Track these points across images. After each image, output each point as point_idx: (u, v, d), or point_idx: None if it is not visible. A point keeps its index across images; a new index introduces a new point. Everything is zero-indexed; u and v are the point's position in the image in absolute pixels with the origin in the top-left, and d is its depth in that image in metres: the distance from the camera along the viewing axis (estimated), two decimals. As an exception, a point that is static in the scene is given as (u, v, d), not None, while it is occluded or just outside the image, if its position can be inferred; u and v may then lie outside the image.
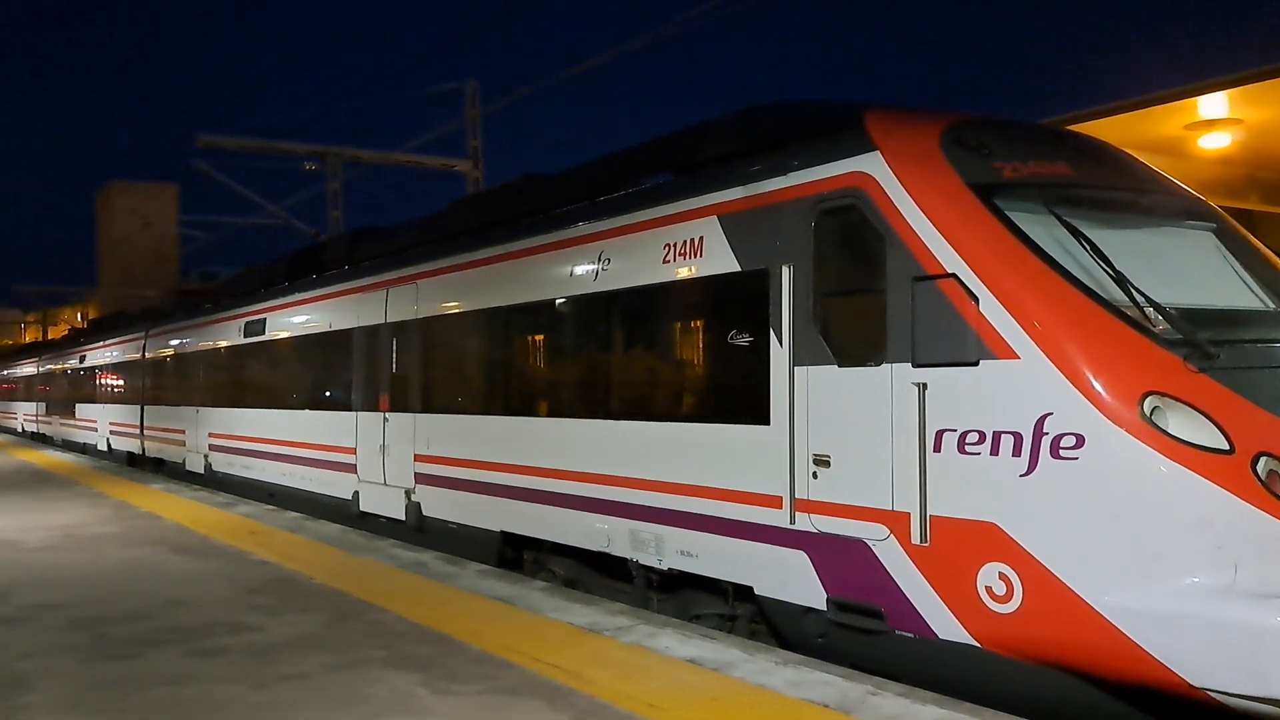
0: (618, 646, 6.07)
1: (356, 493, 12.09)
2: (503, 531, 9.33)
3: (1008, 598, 5.08)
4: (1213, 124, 17.70)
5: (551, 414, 8.84)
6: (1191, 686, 4.47)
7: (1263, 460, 4.59)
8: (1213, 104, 16.94)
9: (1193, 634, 4.44)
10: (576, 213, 8.73)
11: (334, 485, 12.65)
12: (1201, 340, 4.93)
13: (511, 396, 9.55)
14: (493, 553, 9.44)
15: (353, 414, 12.28)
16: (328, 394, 13.38)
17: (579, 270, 8.42)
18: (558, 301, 8.71)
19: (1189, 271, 5.88)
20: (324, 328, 13.35)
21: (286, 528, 11.64)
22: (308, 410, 13.84)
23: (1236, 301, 5.78)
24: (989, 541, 5.15)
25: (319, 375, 13.69)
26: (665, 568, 7.33)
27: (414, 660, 5.90)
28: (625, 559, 7.71)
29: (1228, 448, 4.62)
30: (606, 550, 7.90)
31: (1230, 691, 4.38)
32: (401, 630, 6.63)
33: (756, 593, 6.59)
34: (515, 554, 9.35)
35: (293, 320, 14.58)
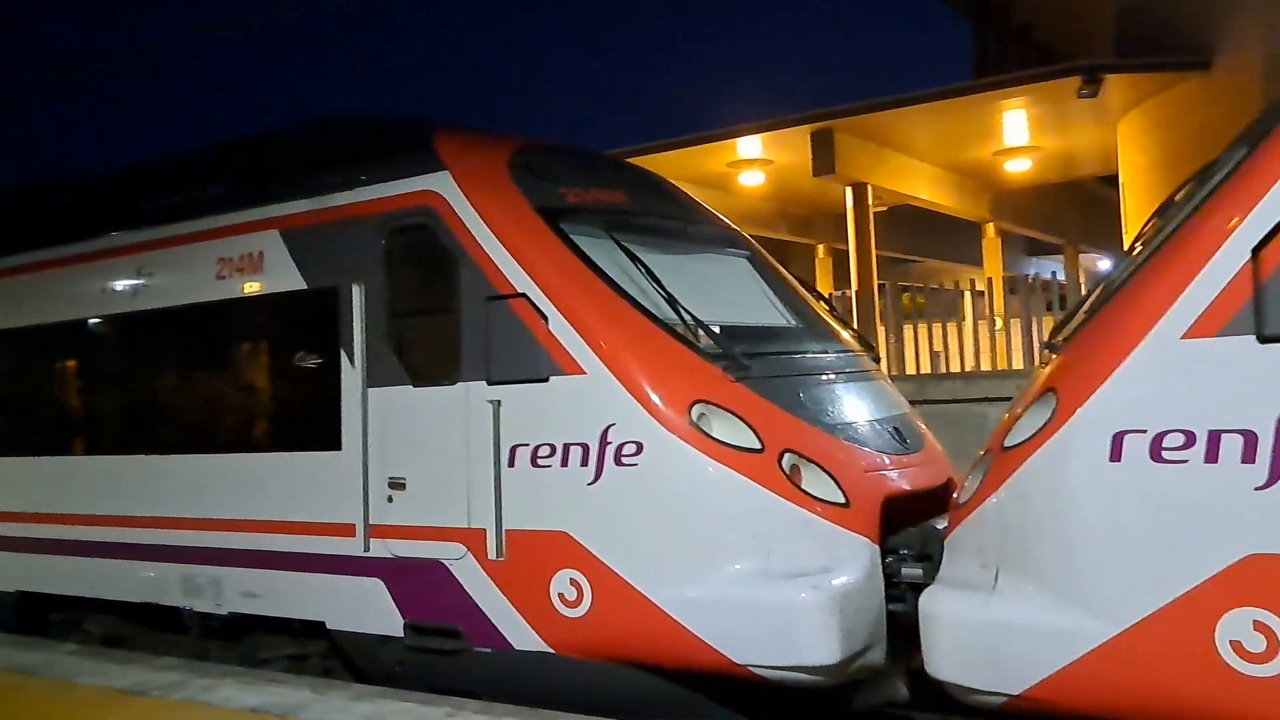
0: (168, 706, 5.55)
1: None
2: (20, 591, 8.09)
3: (578, 602, 5.43)
4: (750, 163, 20.48)
5: (86, 451, 7.86)
6: (735, 664, 5.09)
7: (787, 456, 5.36)
8: (749, 145, 19.62)
9: (735, 616, 5.07)
10: (112, 221, 7.88)
11: None
12: (738, 354, 5.65)
13: (34, 433, 8.33)
14: (9, 617, 8.15)
15: None
16: None
17: (116, 286, 7.61)
18: (90, 322, 7.80)
19: (727, 293, 6.72)
20: None
21: None
22: None
23: (766, 319, 6.71)
24: (560, 550, 5.47)
25: None
26: (225, 613, 6.84)
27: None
28: (178, 608, 7.07)
29: (759, 447, 5.34)
30: (156, 601, 7.18)
31: (768, 664, 5.05)
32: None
33: (329, 627, 6.39)
34: (42, 616, 8.16)
35: None
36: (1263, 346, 3.90)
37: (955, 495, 5.21)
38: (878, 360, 7.17)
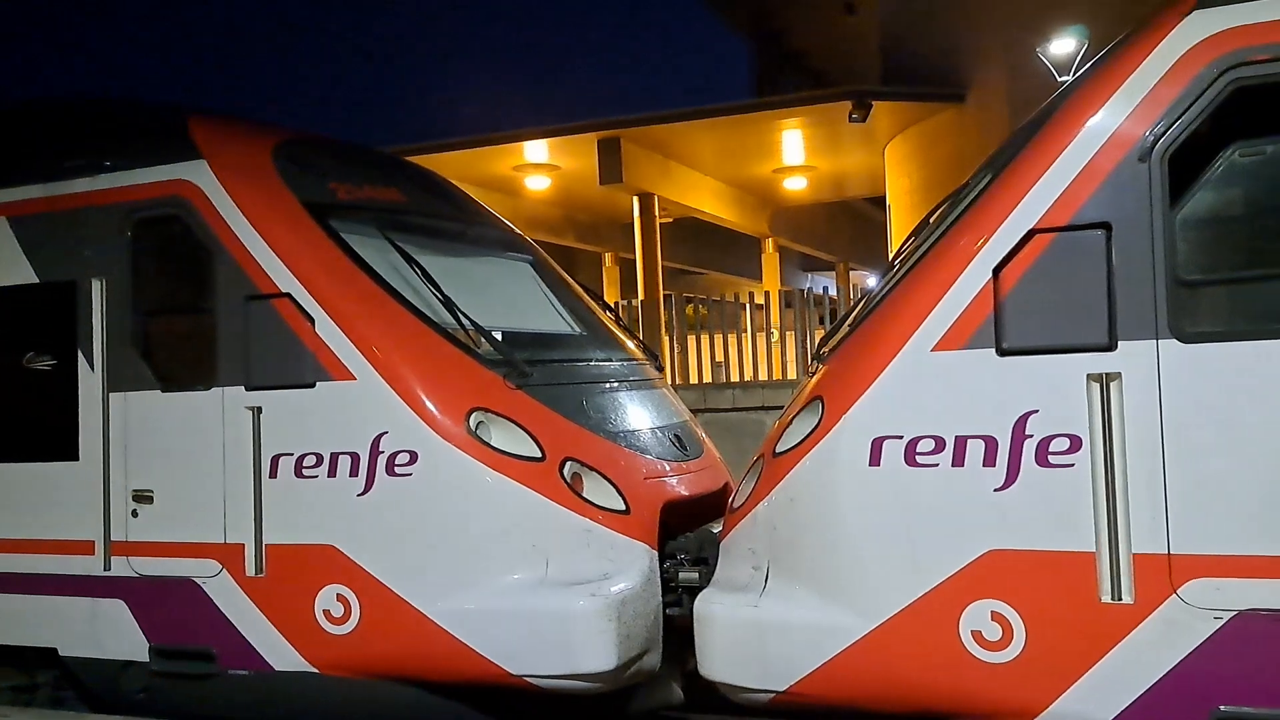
0: None
1: None
2: None
3: (345, 618, 5.21)
4: (537, 167, 20.53)
5: None
6: (513, 675, 5.04)
7: (568, 464, 5.36)
8: (535, 150, 19.67)
9: (512, 627, 5.02)
10: None
11: None
12: (518, 360, 5.61)
13: None
14: None
15: None
16: None
17: None
18: None
19: (508, 298, 6.66)
20: None
21: None
22: None
23: (548, 326, 6.70)
24: (327, 564, 5.24)
25: None
26: (-67, 646, 6.09)
27: None
28: None
29: (540, 455, 5.31)
30: None
31: (545, 674, 5.03)
32: None
33: (61, 654, 5.83)
34: None
35: None
36: (1001, 359, 4.26)
37: (730, 500, 5.39)
38: (661, 369, 7.33)
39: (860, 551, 4.45)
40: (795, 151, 20.75)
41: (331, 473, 5.28)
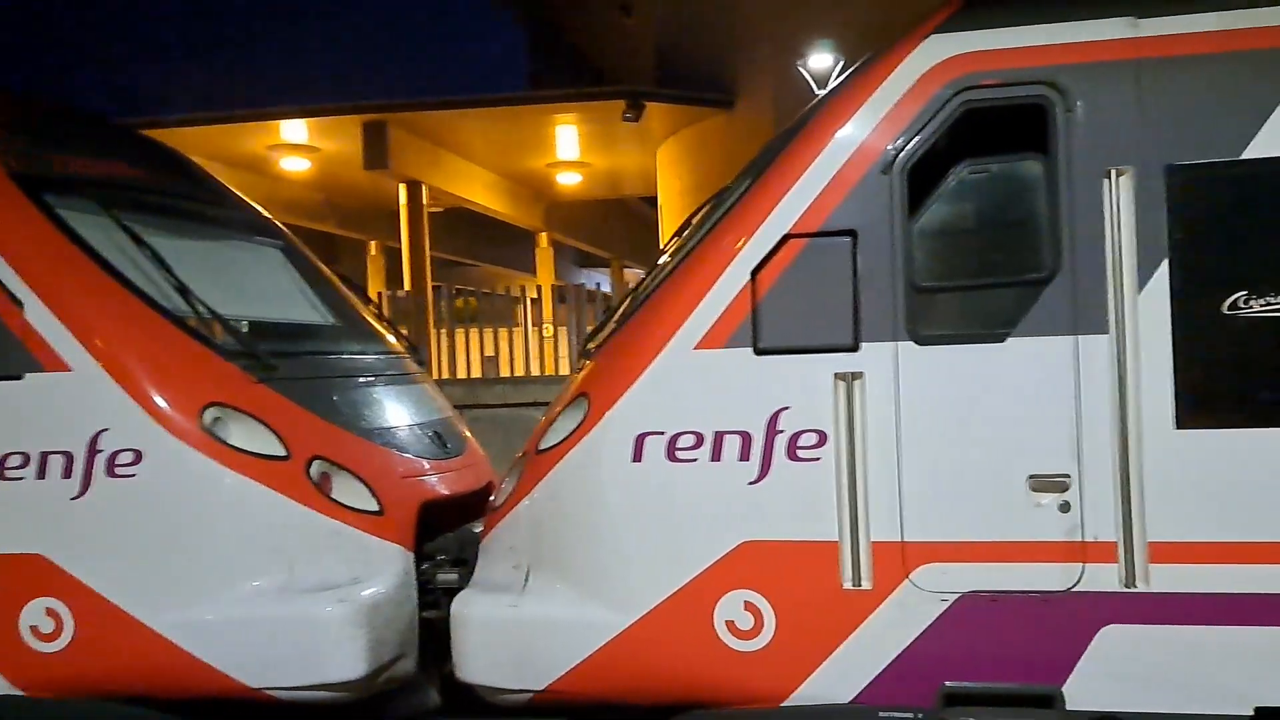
0: None
1: None
2: None
3: (56, 635, 4.76)
4: (295, 148, 19.55)
5: None
6: (251, 689, 4.75)
7: (316, 463, 5.12)
8: (293, 129, 18.74)
9: (250, 637, 4.73)
10: None
11: None
12: (262, 352, 5.29)
13: None
14: None
15: None
16: None
17: None
18: None
19: (255, 286, 6.28)
20: None
21: None
22: None
23: (298, 316, 6.37)
24: (35, 576, 4.76)
25: None
26: None
27: None
28: None
29: (285, 454, 5.04)
30: None
31: (290, 685, 4.78)
32: None
33: None
34: None
35: None
36: (757, 358, 4.46)
37: (492, 498, 5.32)
38: (423, 363, 7.14)
39: (621, 547, 4.53)
40: (570, 147, 20.91)
41: (40, 474, 4.78)
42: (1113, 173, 4.26)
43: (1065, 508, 4.26)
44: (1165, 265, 4.22)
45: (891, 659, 4.35)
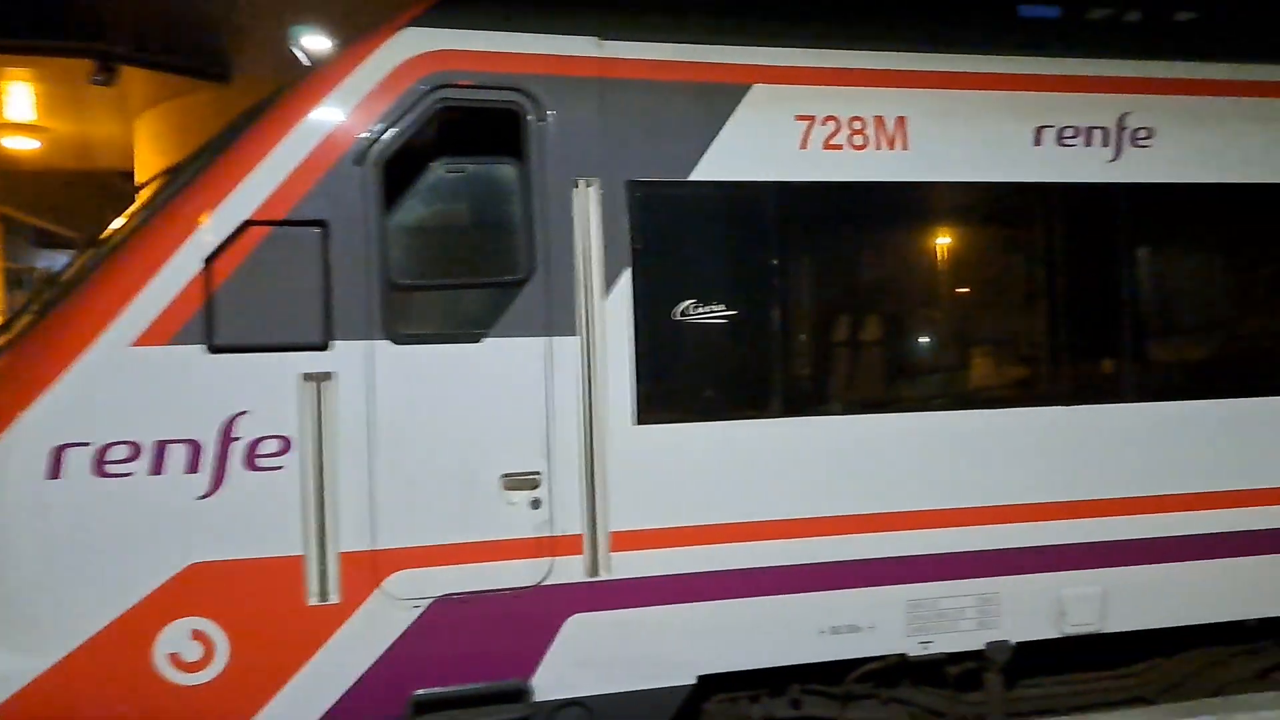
0: None
1: None
2: None
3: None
4: None
5: None
6: None
7: None
8: None
9: None
10: None
11: None
12: None
13: None
14: None
15: None
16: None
17: None
18: None
19: None
20: None
21: None
22: None
23: None
24: None
25: None
26: None
27: None
28: None
29: None
30: None
31: None
32: None
33: None
34: None
35: None
36: (211, 357, 4.02)
37: None
38: None
39: (35, 580, 3.85)
40: (23, 107, 17.99)
41: None
42: (581, 183, 4.47)
43: (536, 504, 4.40)
44: (628, 273, 4.52)
45: (360, 674, 4.18)
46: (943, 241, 5.16)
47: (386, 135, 4.26)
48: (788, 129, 4.74)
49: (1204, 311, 5.47)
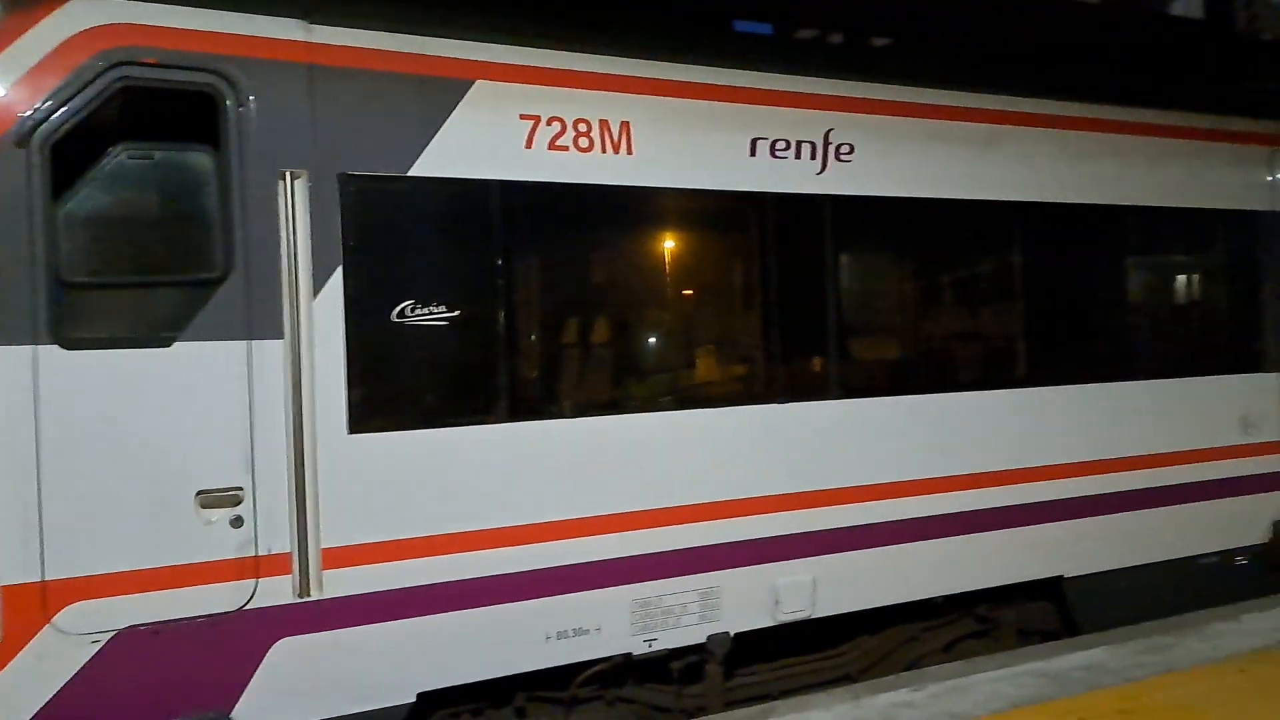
0: None
1: None
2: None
3: None
4: None
5: None
6: None
7: None
8: None
9: None
10: None
11: None
12: None
13: None
14: None
15: None
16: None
17: None
18: None
19: None
20: None
21: None
22: None
23: None
24: None
25: None
26: None
27: None
28: None
29: None
30: None
31: None
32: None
33: None
34: None
35: None
36: None
37: None
38: None
39: None
40: None
41: None
42: (288, 175, 4.18)
43: (238, 523, 4.07)
44: (340, 272, 4.27)
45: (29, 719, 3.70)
46: (666, 246, 5.26)
47: (55, 115, 3.79)
48: (513, 128, 4.66)
49: (898, 314, 5.91)
